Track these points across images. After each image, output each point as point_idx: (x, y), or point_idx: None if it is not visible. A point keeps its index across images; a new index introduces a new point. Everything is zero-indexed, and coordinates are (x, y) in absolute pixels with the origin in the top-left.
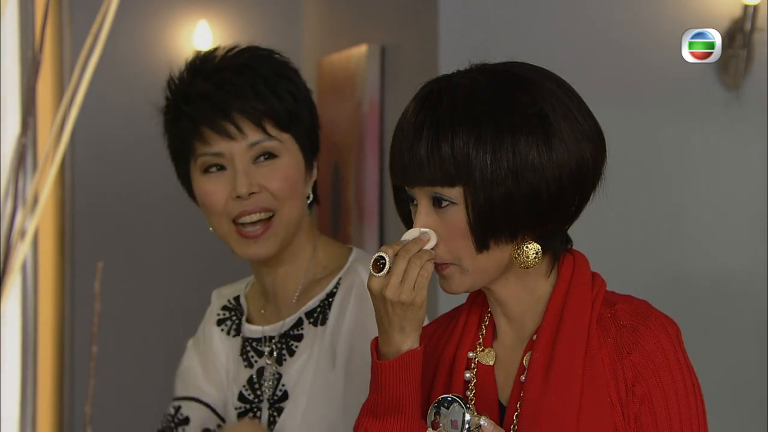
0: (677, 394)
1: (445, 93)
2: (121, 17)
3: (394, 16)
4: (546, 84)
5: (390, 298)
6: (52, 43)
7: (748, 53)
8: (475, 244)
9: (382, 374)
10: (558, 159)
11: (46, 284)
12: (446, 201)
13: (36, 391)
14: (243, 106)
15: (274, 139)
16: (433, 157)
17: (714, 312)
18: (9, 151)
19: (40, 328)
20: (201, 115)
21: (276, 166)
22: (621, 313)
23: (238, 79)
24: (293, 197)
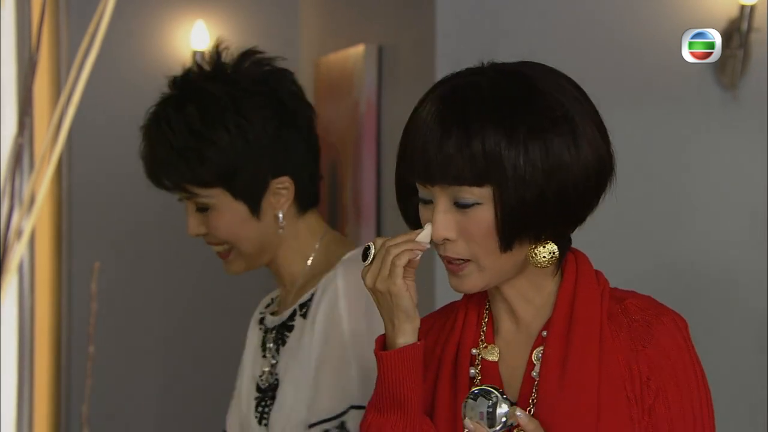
0: (690, 387)
1: (470, 90)
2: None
3: (391, 16)
4: (565, 85)
5: (368, 285)
6: (49, 43)
7: (745, 53)
8: (500, 243)
9: (382, 365)
10: (584, 158)
11: (42, 284)
12: (472, 202)
13: (33, 391)
14: (164, 173)
15: (199, 196)
16: (463, 155)
17: (713, 311)
18: (6, 151)
19: (37, 328)
20: (144, 169)
21: (210, 217)
22: (631, 308)
23: (157, 148)
24: (240, 238)
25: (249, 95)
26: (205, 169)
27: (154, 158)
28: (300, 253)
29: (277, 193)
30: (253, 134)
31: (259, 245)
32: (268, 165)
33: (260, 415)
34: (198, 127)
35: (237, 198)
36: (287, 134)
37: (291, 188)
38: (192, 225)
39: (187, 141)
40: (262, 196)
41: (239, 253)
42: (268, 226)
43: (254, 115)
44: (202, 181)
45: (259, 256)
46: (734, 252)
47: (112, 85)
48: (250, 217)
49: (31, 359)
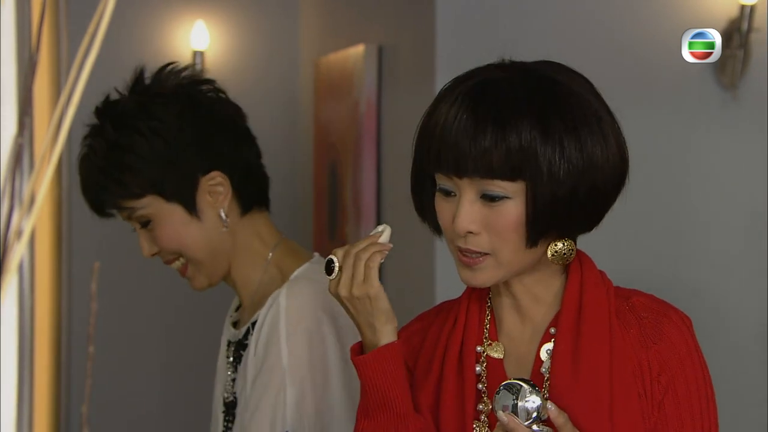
0: (697, 383)
1: (503, 86)
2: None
3: (391, 16)
4: (586, 85)
5: (343, 295)
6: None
7: (745, 53)
8: (527, 238)
9: (361, 371)
10: (613, 158)
11: (42, 284)
12: (501, 195)
13: (33, 392)
14: (99, 199)
15: (136, 210)
16: (499, 149)
17: (713, 311)
18: (5, 151)
19: (37, 328)
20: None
21: (154, 229)
22: (639, 305)
23: (87, 177)
24: (185, 244)
25: (160, 99)
26: (130, 179)
27: (86, 188)
28: (251, 263)
29: (213, 190)
30: (170, 134)
31: (208, 250)
32: (193, 162)
33: (225, 430)
34: (115, 140)
35: (170, 201)
36: (208, 131)
37: (226, 184)
38: (144, 246)
39: (108, 157)
40: (194, 194)
41: (195, 265)
42: (212, 227)
43: (168, 116)
44: (132, 192)
45: (214, 263)
46: (734, 251)
47: (112, 85)
48: (189, 219)
49: (31, 359)
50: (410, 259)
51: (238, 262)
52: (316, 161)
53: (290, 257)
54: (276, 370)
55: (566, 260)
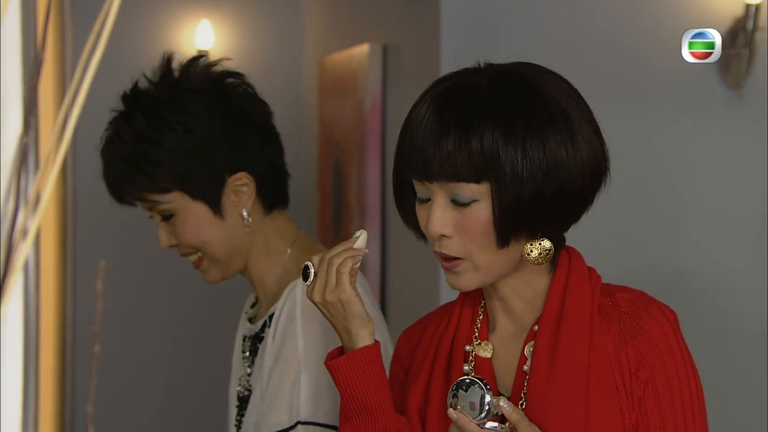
0: (679, 378)
1: (469, 89)
2: (123, 16)
3: (396, 16)
4: (561, 85)
5: (317, 300)
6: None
7: (750, 52)
8: (497, 239)
9: (335, 375)
10: (581, 158)
11: (48, 284)
12: (468, 198)
13: (38, 391)
14: (122, 187)
15: (160, 203)
16: (462, 152)
17: (714, 311)
18: (11, 151)
19: (42, 327)
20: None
21: (176, 224)
22: (621, 300)
23: (112, 164)
24: (206, 241)
25: (192, 94)
26: (158, 173)
27: (111, 175)
28: (270, 259)
29: (238, 190)
30: (201, 132)
31: (227, 248)
32: (221, 161)
33: (238, 424)
34: (145, 132)
35: (195, 198)
36: (238, 130)
37: (251, 184)
38: (162, 237)
39: (137, 149)
40: (220, 194)
41: (211, 260)
42: (234, 226)
43: (199, 112)
44: (158, 186)
45: (231, 260)
46: (737, 251)
47: (117, 84)
48: (213, 218)
49: (37, 358)
50: (414, 259)
51: (257, 258)
52: (320, 160)
53: (306, 251)
54: (292, 358)
55: (544, 260)
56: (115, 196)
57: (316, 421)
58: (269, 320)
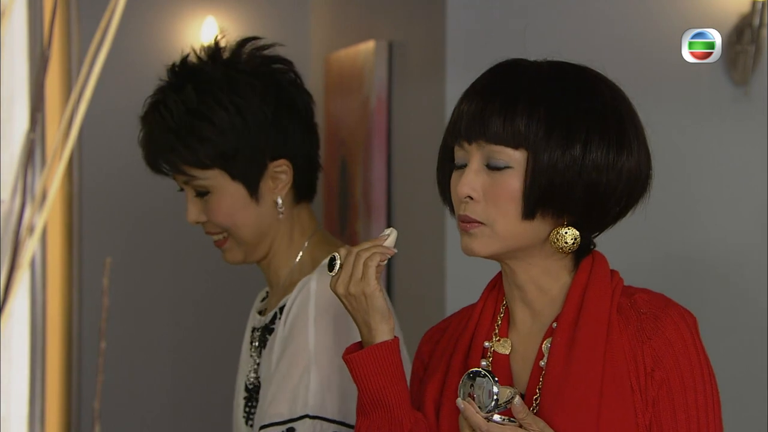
0: (695, 381)
1: (530, 67)
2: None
3: (401, 12)
4: (622, 95)
5: (340, 292)
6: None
7: (757, 49)
8: (523, 210)
9: (354, 369)
10: (621, 166)
11: (54, 280)
12: (502, 163)
13: (45, 387)
14: (162, 157)
15: (197, 179)
16: (506, 124)
17: (721, 304)
18: (18, 147)
19: (49, 323)
20: (143, 155)
21: (210, 201)
22: (640, 301)
23: (155, 132)
24: (237, 224)
25: (246, 77)
26: (203, 149)
27: (153, 142)
28: (290, 250)
29: (276, 177)
30: (251, 114)
31: (257, 232)
32: (266, 146)
33: (247, 415)
34: (195, 106)
35: (235, 179)
36: (284, 117)
37: (289, 173)
38: (191, 212)
39: (185, 121)
40: (260, 178)
41: (237, 241)
42: (266, 212)
43: (252, 96)
44: (200, 162)
45: (257, 244)
46: (743, 246)
47: (123, 80)
48: (248, 201)
49: (43, 355)
50: (420, 256)
51: (279, 247)
52: (326, 157)
53: (322, 246)
54: (301, 351)
55: (567, 250)
56: (152, 164)
57: (323, 416)
58: (280, 312)
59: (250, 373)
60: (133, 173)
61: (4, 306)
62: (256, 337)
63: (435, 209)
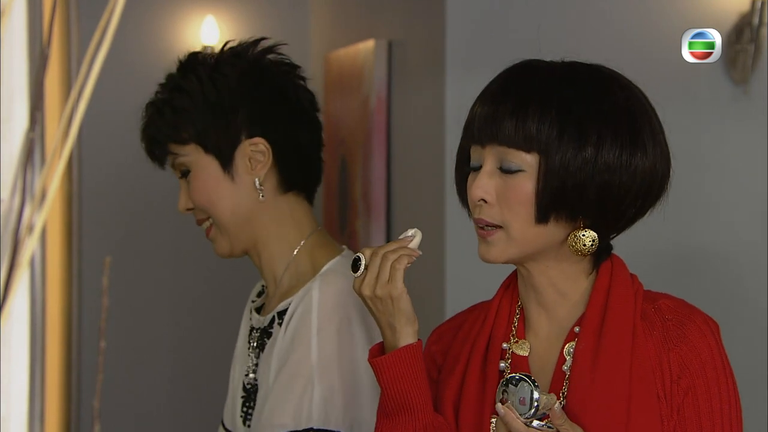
0: (719, 389)
1: (543, 68)
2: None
3: (401, 11)
4: (638, 93)
5: (366, 294)
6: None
7: (756, 48)
8: (536, 214)
9: (379, 373)
10: (636, 165)
11: (54, 279)
12: (515, 167)
13: (44, 386)
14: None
15: (178, 156)
16: (518, 121)
17: (722, 303)
18: (17, 146)
19: (48, 322)
20: None
21: (190, 181)
22: (665, 308)
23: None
24: (212, 201)
25: (232, 57)
26: (178, 120)
27: (146, 128)
28: (281, 245)
29: (253, 156)
30: (226, 89)
31: (234, 214)
32: (240, 121)
33: (244, 415)
34: (176, 81)
35: (208, 152)
36: (265, 99)
37: (267, 153)
38: (181, 199)
39: (167, 98)
40: (233, 152)
41: (219, 227)
42: (244, 193)
43: (232, 73)
44: (179, 136)
45: (238, 230)
46: (743, 246)
47: (123, 79)
48: (222, 176)
49: (43, 354)
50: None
51: (268, 240)
52: (325, 156)
53: (322, 249)
54: (304, 363)
55: (586, 252)
56: (147, 150)
57: (327, 429)
58: (279, 317)
59: (249, 374)
60: (133, 172)
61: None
62: (255, 337)
63: (435, 208)
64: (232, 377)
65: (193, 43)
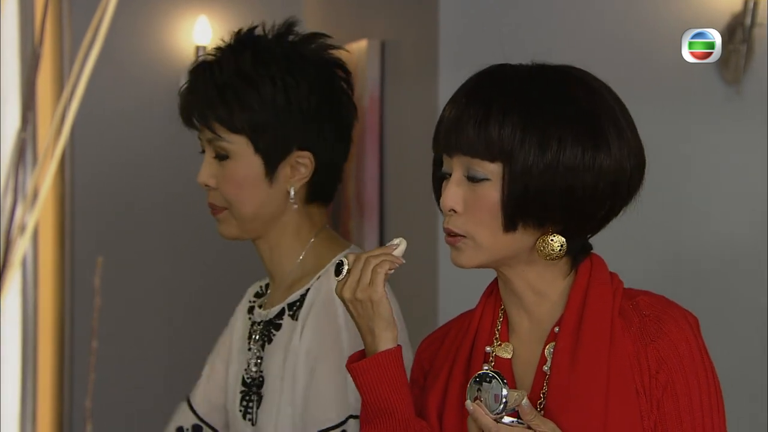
0: (699, 382)
1: (506, 75)
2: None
3: (394, 11)
4: (604, 93)
5: (347, 297)
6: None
7: (749, 48)
8: (503, 222)
9: (357, 378)
10: (599, 167)
11: (45, 279)
12: (480, 175)
13: (36, 386)
14: (198, 108)
15: (223, 140)
16: (480, 130)
17: (716, 304)
18: (9, 146)
19: (40, 322)
20: (179, 105)
21: (226, 167)
22: (642, 303)
23: (199, 83)
24: (242, 198)
25: (305, 63)
26: (240, 113)
27: (194, 93)
28: (294, 246)
29: (296, 166)
30: (296, 97)
31: (257, 213)
32: (298, 133)
33: (244, 410)
34: (247, 70)
35: (257, 152)
36: (325, 116)
37: (310, 167)
38: (203, 172)
39: (233, 81)
40: (281, 159)
41: (231, 215)
42: (274, 198)
43: (303, 81)
44: (232, 124)
45: (256, 224)
46: (736, 246)
47: (115, 79)
48: (262, 179)
49: (35, 354)
50: (412, 256)
51: (282, 238)
52: None
53: (328, 244)
54: (336, 354)
55: (554, 256)
56: (185, 115)
57: None
58: (289, 308)
59: (250, 367)
60: (125, 172)
61: None
62: (257, 331)
63: (428, 208)
64: (230, 372)
65: (186, 44)
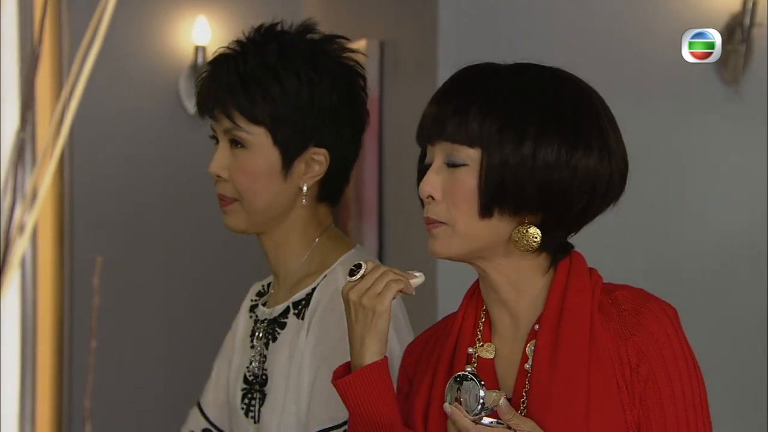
0: (680, 373)
1: (489, 70)
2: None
3: (393, 11)
4: (589, 95)
5: (352, 299)
6: (51, 37)
7: (747, 48)
8: (479, 208)
9: (345, 393)
10: (575, 165)
11: (44, 279)
12: (460, 161)
13: (35, 386)
14: (218, 97)
15: (241, 130)
16: (461, 123)
17: (714, 305)
18: (8, 146)
19: (39, 322)
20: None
21: (242, 157)
22: (621, 298)
23: (221, 71)
24: (255, 190)
25: (329, 61)
26: (262, 104)
27: (215, 81)
28: (300, 244)
29: (310, 163)
30: (319, 94)
31: (270, 207)
32: (317, 129)
33: (246, 407)
34: (272, 64)
35: (276, 144)
36: (344, 115)
37: (324, 165)
38: (216, 162)
39: (257, 73)
40: (298, 154)
41: (245, 209)
42: (286, 193)
43: (326, 78)
44: (252, 115)
45: (265, 218)
46: (736, 246)
47: (114, 79)
48: (277, 173)
49: (34, 353)
50: (411, 255)
51: (290, 236)
52: None
53: (334, 243)
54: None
55: (529, 248)
56: (201, 103)
57: None
58: (294, 307)
59: (252, 365)
60: (125, 172)
61: None
62: (261, 328)
63: None
64: (232, 368)
65: (185, 44)
